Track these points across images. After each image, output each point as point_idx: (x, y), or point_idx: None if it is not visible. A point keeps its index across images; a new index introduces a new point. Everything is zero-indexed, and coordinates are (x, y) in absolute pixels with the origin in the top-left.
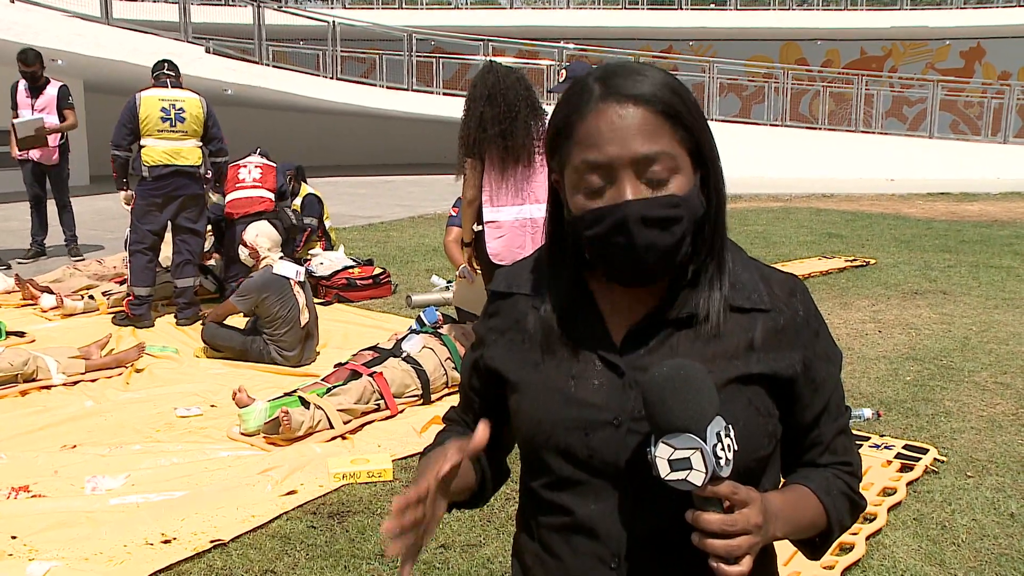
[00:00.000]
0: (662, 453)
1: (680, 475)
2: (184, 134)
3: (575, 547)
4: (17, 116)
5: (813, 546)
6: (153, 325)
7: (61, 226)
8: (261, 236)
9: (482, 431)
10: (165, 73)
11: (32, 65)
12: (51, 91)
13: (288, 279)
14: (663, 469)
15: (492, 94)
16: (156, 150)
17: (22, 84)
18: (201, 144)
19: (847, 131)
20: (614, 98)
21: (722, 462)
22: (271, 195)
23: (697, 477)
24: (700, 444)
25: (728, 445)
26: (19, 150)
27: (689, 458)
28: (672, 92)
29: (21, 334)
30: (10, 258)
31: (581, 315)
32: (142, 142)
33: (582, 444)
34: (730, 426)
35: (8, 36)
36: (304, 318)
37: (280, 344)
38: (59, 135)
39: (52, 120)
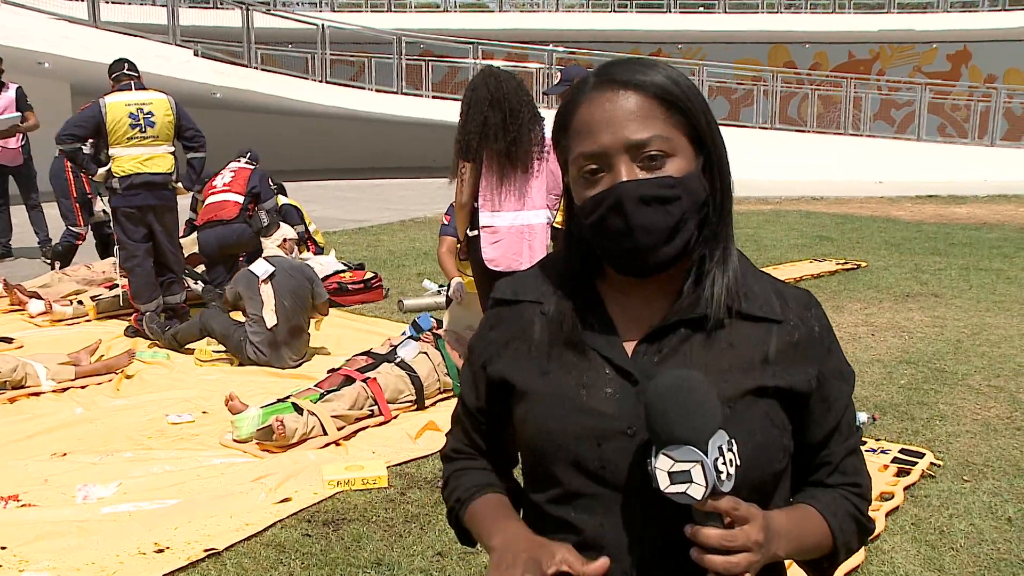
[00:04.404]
0: (662, 465)
1: (680, 488)
2: (155, 139)
3: None
4: None
5: (820, 568)
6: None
7: (33, 227)
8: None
9: (601, 564)
10: (127, 74)
11: None
12: (9, 93)
13: (256, 277)
14: (663, 481)
15: (496, 99)
16: (126, 159)
17: None
18: (173, 150)
19: (836, 134)
20: (606, 85)
21: (723, 476)
22: (239, 198)
23: (697, 491)
24: (701, 457)
25: (730, 460)
26: None
27: (689, 471)
28: (668, 79)
29: (9, 340)
30: None
31: (590, 322)
32: (111, 152)
33: (594, 455)
34: (733, 441)
35: None
36: (269, 320)
37: (255, 344)
38: (20, 136)
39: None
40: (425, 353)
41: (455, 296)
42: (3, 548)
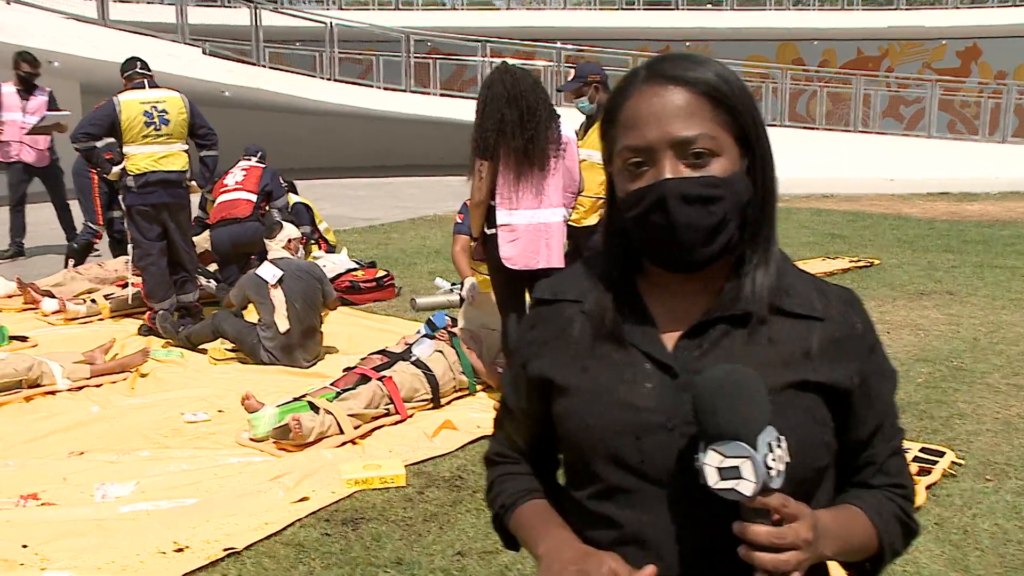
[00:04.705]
0: (711, 461)
1: (729, 484)
2: (169, 137)
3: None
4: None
5: (863, 570)
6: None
7: (62, 225)
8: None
9: (648, 572)
10: (139, 73)
11: (37, 67)
12: (42, 96)
13: (266, 282)
14: (712, 477)
15: (512, 96)
16: (140, 157)
17: (8, 88)
18: (187, 148)
19: (845, 131)
20: (655, 80)
21: (773, 473)
22: (251, 196)
23: (747, 487)
24: (751, 453)
25: (779, 456)
26: (28, 134)
27: (739, 467)
28: (718, 76)
29: (24, 339)
30: None
31: (630, 317)
32: (125, 150)
33: (633, 449)
34: (781, 437)
35: (3, 38)
36: (282, 325)
37: (268, 349)
38: (49, 138)
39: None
40: (440, 351)
41: (468, 296)
42: (24, 547)
